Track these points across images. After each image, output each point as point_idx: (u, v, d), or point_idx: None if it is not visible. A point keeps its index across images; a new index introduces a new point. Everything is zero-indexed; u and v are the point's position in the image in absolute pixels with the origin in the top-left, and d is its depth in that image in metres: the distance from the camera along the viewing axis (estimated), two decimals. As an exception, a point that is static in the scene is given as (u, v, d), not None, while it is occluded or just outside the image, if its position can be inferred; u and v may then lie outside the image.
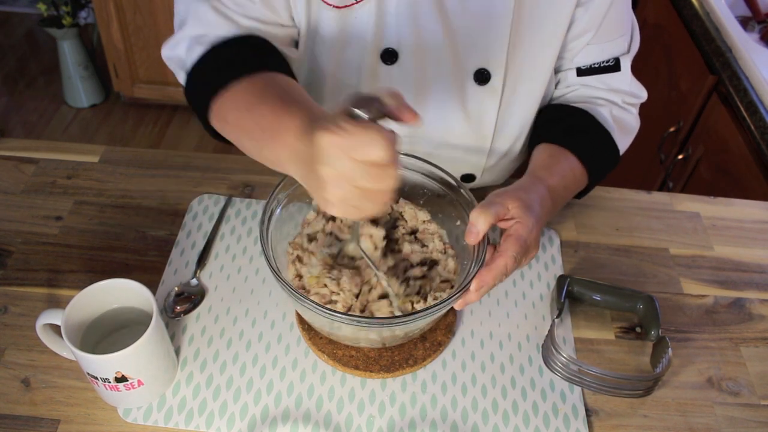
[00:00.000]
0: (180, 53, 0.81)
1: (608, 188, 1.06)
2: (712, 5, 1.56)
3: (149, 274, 0.88)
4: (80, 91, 2.73)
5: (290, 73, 0.79)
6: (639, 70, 1.17)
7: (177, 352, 0.80)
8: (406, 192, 0.84)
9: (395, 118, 0.59)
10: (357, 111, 0.56)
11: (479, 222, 0.70)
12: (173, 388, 0.77)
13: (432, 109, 0.91)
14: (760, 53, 1.44)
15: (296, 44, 0.89)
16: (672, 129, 1.64)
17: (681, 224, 1.01)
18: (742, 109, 1.38)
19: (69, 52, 2.60)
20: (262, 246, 0.72)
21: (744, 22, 1.60)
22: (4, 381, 0.76)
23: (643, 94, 0.96)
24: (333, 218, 0.82)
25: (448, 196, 0.81)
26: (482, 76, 0.88)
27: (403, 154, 0.80)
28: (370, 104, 0.57)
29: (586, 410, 0.78)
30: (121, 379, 0.69)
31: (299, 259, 0.79)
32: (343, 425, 0.75)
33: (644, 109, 1.00)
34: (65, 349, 0.74)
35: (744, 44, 1.44)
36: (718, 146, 1.48)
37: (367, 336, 0.74)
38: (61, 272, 0.87)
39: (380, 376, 0.78)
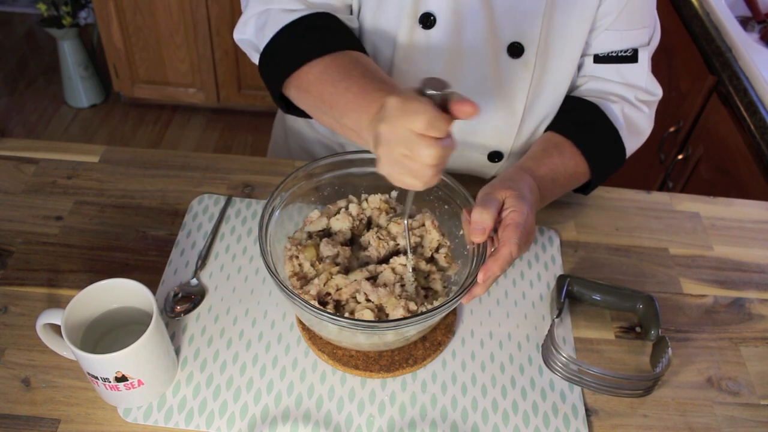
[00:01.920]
0: (249, 36, 0.87)
1: (608, 188, 1.06)
2: (712, 5, 1.56)
3: (149, 274, 0.88)
4: (80, 91, 2.73)
5: (361, 48, 0.84)
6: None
7: (177, 352, 0.80)
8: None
9: (456, 106, 0.62)
10: (428, 90, 0.61)
11: (484, 218, 0.71)
12: (173, 388, 0.77)
13: (465, 78, 0.92)
14: (760, 53, 1.44)
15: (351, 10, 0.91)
16: (672, 129, 1.64)
17: (681, 224, 1.01)
18: (742, 109, 1.38)
19: (69, 52, 2.60)
20: (260, 247, 0.72)
21: (744, 22, 1.60)
22: (4, 381, 0.76)
23: (658, 92, 0.95)
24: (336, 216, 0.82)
25: (452, 204, 0.81)
26: (516, 50, 0.88)
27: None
28: (440, 86, 0.61)
29: (586, 410, 0.78)
30: (121, 379, 0.69)
31: (297, 256, 0.79)
32: (343, 425, 0.75)
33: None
34: (65, 349, 0.75)
35: (744, 44, 1.44)
36: (718, 146, 1.48)
37: (361, 339, 0.74)
38: (61, 272, 0.87)
39: (380, 376, 0.78)
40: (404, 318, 0.71)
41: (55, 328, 0.72)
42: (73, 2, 2.48)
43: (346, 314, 0.74)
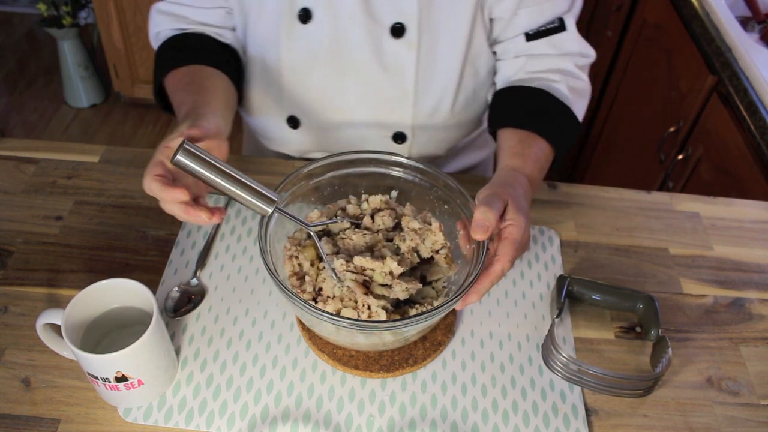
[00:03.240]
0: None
1: (608, 188, 1.06)
2: (712, 5, 1.56)
3: (149, 274, 0.88)
4: (80, 91, 2.73)
5: (221, 58, 0.95)
6: (639, 69, 1.15)
7: (177, 351, 0.80)
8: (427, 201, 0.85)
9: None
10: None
11: (488, 217, 0.71)
12: (173, 388, 0.77)
13: (350, 65, 0.95)
14: (760, 53, 1.44)
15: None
16: (672, 129, 1.64)
17: (681, 224, 1.01)
18: (742, 109, 1.38)
19: (69, 52, 2.60)
20: (260, 247, 0.72)
21: (744, 22, 1.60)
22: (4, 381, 0.76)
23: (592, 53, 0.98)
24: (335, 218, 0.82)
25: (452, 204, 0.82)
26: (397, 30, 0.91)
27: (420, 165, 0.83)
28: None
29: (586, 410, 0.78)
30: (122, 379, 0.69)
31: (297, 256, 0.79)
32: (343, 425, 0.75)
33: (644, 109, 1.00)
34: (65, 349, 0.75)
35: (744, 44, 1.44)
36: (718, 146, 1.48)
37: (361, 339, 0.74)
38: (61, 272, 0.87)
39: (380, 376, 0.78)
40: (404, 318, 0.71)
41: (55, 328, 0.72)
42: (73, 2, 2.48)
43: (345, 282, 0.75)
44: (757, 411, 0.79)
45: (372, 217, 0.81)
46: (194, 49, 0.95)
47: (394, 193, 0.86)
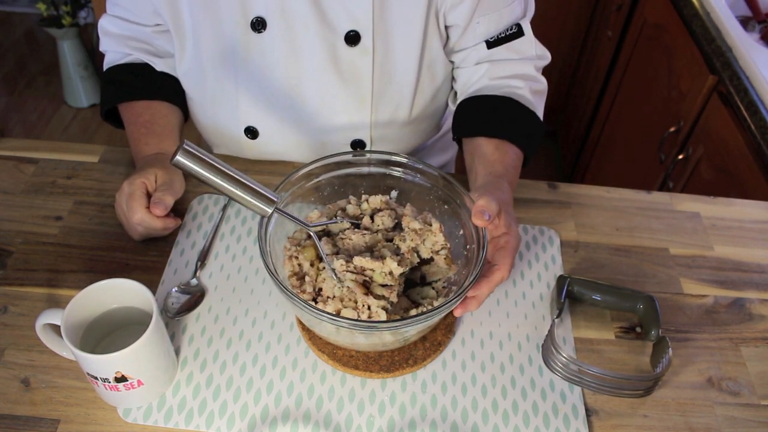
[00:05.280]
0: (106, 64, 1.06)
1: (608, 188, 1.06)
2: (712, 5, 1.56)
3: (149, 274, 0.88)
4: (80, 91, 2.73)
5: (167, 88, 1.02)
6: (639, 69, 1.15)
7: (177, 352, 0.80)
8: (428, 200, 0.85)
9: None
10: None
11: (491, 206, 0.73)
12: (173, 388, 0.77)
13: (307, 73, 0.96)
14: (760, 53, 1.44)
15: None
16: (672, 129, 1.64)
17: (681, 224, 1.01)
18: (742, 109, 1.38)
19: (69, 52, 2.60)
20: (260, 247, 0.72)
21: (744, 22, 1.60)
22: (4, 381, 0.76)
23: (547, 55, 1.01)
24: (335, 218, 0.82)
25: (452, 204, 0.81)
26: (352, 38, 0.92)
27: (413, 164, 0.83)
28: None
29: (586, 410, 0.78)
30: (121, 379, 0.69)
31: (297, 256, 0.79)
32: (343, 425, 0.75)
33: (644, 109, 1.00)
34: (65, 349, 0.74)
35: (744, 44, 1.44)
36: (718, 146, 1.48)
37: (361, 339, 0.74)
38: (61, 272, 0.87)
39: (380, 376, 0.78)
40: (404, 318, 0.71)
41: (55, 328, 0.72)
42: (72, 2, 2.48)
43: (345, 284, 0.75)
44: (758, 411, 0.79)
45: (372, 217, 0.81)
46: (143, 81, 1.01)
47: (394, 193, 0.86)
